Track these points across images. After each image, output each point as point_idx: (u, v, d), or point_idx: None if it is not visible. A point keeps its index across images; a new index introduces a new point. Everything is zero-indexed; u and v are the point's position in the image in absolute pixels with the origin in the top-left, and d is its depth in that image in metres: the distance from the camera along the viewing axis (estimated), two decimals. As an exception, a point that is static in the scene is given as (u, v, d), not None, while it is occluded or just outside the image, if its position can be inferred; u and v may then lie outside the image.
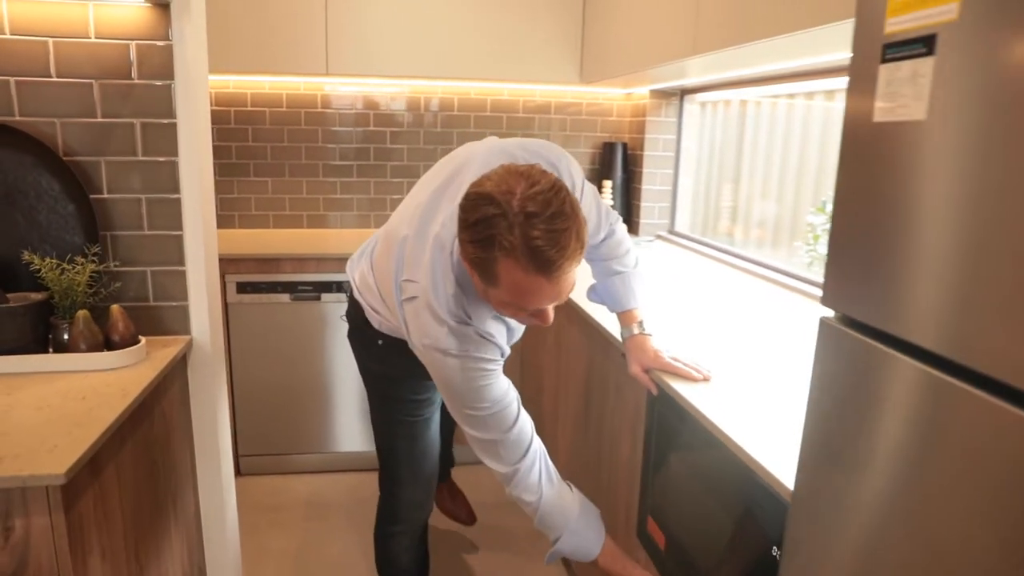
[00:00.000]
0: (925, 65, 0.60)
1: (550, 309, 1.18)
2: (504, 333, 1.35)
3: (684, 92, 3.19)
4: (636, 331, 1.51)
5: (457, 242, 1.18)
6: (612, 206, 3.19)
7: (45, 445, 1.04)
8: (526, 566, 2.35)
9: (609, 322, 1.69)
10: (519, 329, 1.45)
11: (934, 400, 0.62)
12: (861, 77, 0.68)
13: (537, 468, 1.34)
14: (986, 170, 0.56)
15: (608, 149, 3.36)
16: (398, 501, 1.71)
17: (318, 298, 2.78)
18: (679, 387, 1.33)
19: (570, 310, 2.12)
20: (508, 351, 1.35)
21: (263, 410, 2.84)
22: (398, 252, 1.31)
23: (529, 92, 3.37)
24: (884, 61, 0.65)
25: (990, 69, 0.55)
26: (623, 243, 1.59)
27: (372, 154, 3.30)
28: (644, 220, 3.33)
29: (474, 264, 1.13)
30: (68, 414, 1.15)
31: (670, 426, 1.41)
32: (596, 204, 1.50)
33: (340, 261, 2.73)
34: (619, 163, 3.34)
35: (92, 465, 1.10)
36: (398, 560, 1.75)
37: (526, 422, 1.34)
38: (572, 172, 1.40)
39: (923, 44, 0.60)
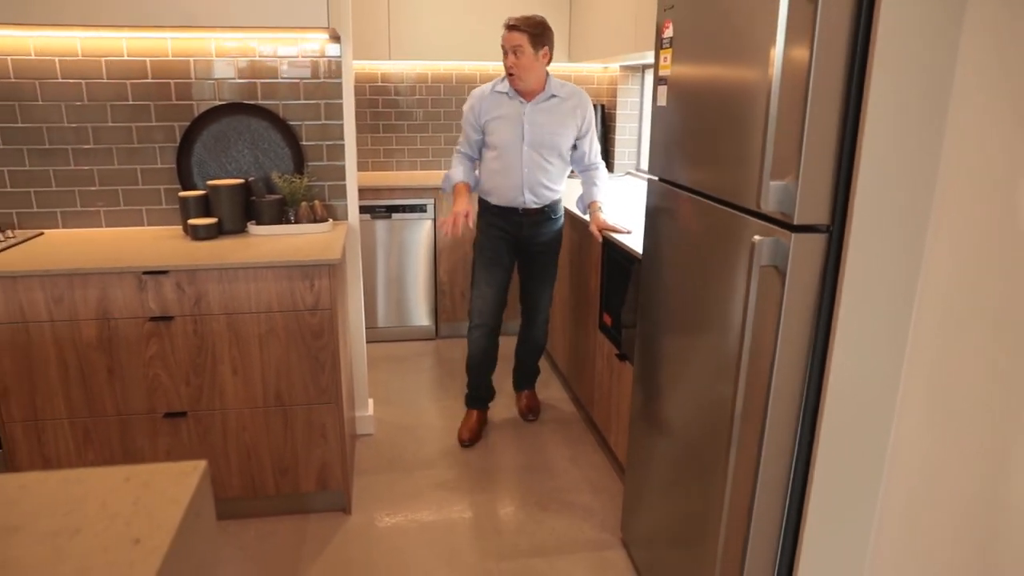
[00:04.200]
0: (664, 88, 1.85)
1: (511, 55, 2.71)
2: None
3: (645, 67, 4.40)
4: (595, 209, 2.82)
5: None
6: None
7: (320, 251, 2.31)
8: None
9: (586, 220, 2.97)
10: None
11: (685, 204, 1.86)
12: (656, 92, 1.93)
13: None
14: (681, 119, 1.79)
15: (591, 109, 4.59)
16: (473, 305, 3.01)
17: (389, 216, 4.05)
18: (617, 236, 2.60)
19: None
20: None
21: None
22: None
23: (532, 68, 4.58)
24: (658, 85, 1.90)
25: (677, 87, 1.78)
26: (600, 172, 2.97)
27: (419, 115, 4.54)
28: (618, 161, 4.56)
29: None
30: (316, 247, 2.41)
31: (611, 258, 2.69)
32: (591, 143, 2.93)
33: (403, 190, 4.00)
34: (599, 119, 4.56)
35: (331, 267, 2.36)
36: (472, 345, 3.06)
37: None
38: (588, 112, 2.90)
39: (664, 81, 1.85)
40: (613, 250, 2.66)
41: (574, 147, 2.91)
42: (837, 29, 1.22)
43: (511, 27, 2.71)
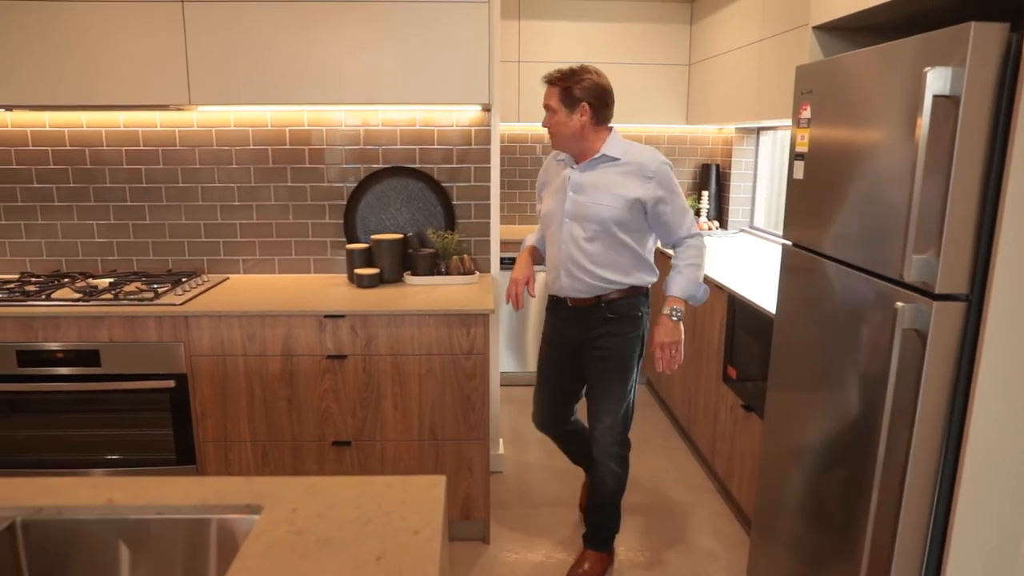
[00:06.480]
0: (801, 163, 2.05)
1: (547, 116, 2.32)
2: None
3: (760, 129, 4.57)
4: (664, 312, 2.34)
5: None
6: (708, 209, 4.64)
7: (475, 302, 2.58)
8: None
9: (707, 269, 3.16)
10: None
11: (824, 270, 2.03)
12: (792, 166, 2.12)
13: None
14: (818, 193, 1.97)
15: (705, 168, 4.78)
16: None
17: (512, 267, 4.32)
18: (749, 296, 2.77)
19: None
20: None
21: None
22: None
23: (649, 129, 4.83)
24: (795, 160, 2.09)
25: (815, 164, 1.96)
26: (686, 251, 2.37)
27: (517, 173, 4.85)
28: (732, 218, 4.71)
29: None
30: (468, 297, 2.69)
31: (737, 314, 2.85)
32: (674, 214, 2.32)
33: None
34: (713, 178, 4.75)
35: (486, 316, 2.61)
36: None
37: None
38: (658, 176, 2.27)
39: (801, 157, 2.04)
40: (739, 307, 2.83)
41: (648, 218, 2.34)
42: (977, 121, 1.40)
43: (546, 81, 2.37)
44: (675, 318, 2.34)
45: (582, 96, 2.28)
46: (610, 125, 2.38)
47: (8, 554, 1.11)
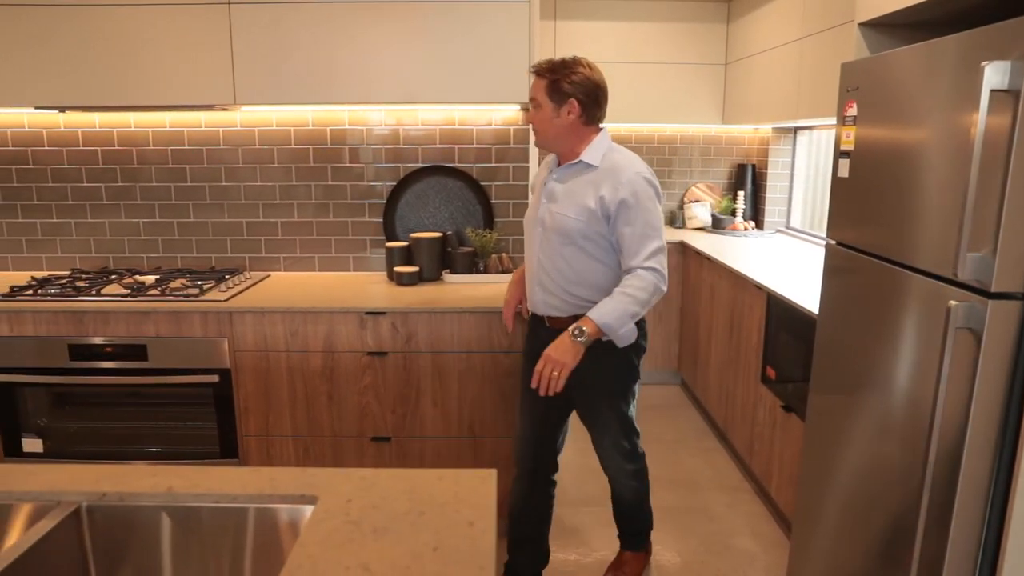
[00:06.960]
0: (847, 161, 2.03)
1: (531, 110, 2.11)
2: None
3: (797, 128, 4.53)
4: (570, 329, 2.04)
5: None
6: (744, 209, 4.59)
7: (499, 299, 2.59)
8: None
9: (745, 269, 3.13)
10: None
11: (870, 269, 2.01)
12: (837, 164, 2.10)
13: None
14: (865, 191, 1.95)
15: (741, 168, 4.74)
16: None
17: (549, 267, 4.33)
18: (788, 295, 2.74)
19: (720, 270, 3.55)
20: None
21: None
22: None
23: (684, 129, 4.81)
24: (839, 158, 2.07)
25: (861, 162, 1.94)
26: (627, 281, 2.05)
27: (576, 173, 4.84)
28: (768, 219, 4.67)
29: None
30: (499, 295, 2.70)
31: (776, 316, 2.82)
32: (631, 237, 2.04)
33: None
34: (749, 178, 4.71)
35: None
36: (512, 495, 2.45)
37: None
38: (621, 190, 2.02)
39: (846, 155, 2.02)
40: (778, 307, 2.80)
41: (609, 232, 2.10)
42: (1035, 120, 1.37)
43: (533, 71, 2.12)
44: (577, 338, 2.02)
45: (571, 91, 2.04)
46: (600, 126, 2.16)
47: (74, 536, 1.14)
